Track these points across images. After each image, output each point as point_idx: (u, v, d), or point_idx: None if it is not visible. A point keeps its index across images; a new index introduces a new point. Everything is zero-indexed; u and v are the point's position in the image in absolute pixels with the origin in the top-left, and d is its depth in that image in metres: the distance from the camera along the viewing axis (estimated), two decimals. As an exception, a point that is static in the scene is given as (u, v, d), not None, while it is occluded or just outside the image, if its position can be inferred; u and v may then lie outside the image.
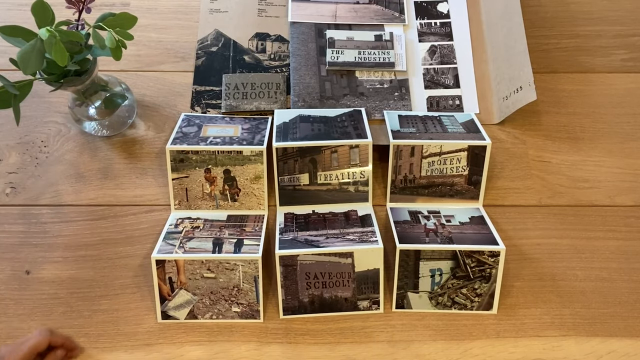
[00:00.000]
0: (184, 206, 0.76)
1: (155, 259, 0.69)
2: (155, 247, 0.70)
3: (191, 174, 0.76)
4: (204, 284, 0.70)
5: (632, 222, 0.78)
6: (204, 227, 0.74)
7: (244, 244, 0.71)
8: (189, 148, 0.75)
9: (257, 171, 0.76)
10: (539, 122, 0.85)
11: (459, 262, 0.70)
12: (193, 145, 0.75)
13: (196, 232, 0.73)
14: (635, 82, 0.89)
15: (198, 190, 0.76)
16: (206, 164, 0.75)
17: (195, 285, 0.70)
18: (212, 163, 0.75)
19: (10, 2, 0.90)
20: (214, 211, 0.76)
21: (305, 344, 0.69)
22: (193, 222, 0.75)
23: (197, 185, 0.76)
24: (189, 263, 0.69)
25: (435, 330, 0.70)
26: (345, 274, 0.69)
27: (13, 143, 0.81)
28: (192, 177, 0.76)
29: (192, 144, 0.75)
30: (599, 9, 0.95)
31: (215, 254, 0.69)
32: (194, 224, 0.74)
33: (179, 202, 0.76)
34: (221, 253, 0.70)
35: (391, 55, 0.88)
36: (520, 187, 0.80)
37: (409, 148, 0.75)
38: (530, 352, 0.69)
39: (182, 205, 0.76)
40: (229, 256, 0.69)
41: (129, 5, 0.90)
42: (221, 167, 0.76)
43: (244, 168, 0.76)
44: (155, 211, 0.77)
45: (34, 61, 0.61)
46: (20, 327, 0.69)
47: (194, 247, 0.71)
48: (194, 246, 0.71)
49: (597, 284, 0.74)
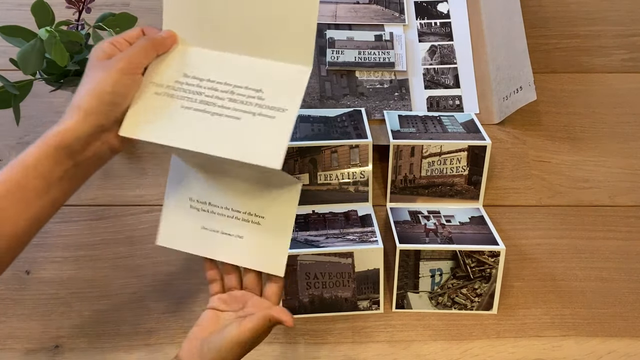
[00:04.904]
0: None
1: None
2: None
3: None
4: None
5: (632, 222, 0.78)
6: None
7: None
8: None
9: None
10: (539, 122, 0.85)
11: (459, 262, 0.70)
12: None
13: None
14: (635, 82, 0.89)
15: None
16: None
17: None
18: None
19: (10, 2, 0.90)
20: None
21: (305, 344, 0.69)
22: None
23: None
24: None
25: (435, 330, 0.70)
26: (345, 274, 0.69)
27: (13, 143, 0.81)
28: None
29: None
30: (599, 9, 0.95)
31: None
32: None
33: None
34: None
35: (391, 55, 0.88)
36: (520, 187, 0.80)
37: (409, 148, 0.75)
38: (530, 352, 0.69)
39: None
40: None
41: (129, 5, 0.90)
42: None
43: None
44: (156, 211, 0.77)
45: (34, 61, 0.61)
46: (21, 327, 0.69)
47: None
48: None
49: (597, 284, 0.74)
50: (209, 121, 0.50)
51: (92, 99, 0.48)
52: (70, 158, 0.48)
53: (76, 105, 0.48)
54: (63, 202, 0.50)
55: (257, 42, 0.52)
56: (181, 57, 0.53)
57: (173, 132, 0.50)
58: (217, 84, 0.51)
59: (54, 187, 0.48)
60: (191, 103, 0.51)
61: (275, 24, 0.51)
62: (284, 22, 0.51)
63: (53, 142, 0.47)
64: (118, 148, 0.52)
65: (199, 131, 0.50)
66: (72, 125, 0.47)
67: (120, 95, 0.49)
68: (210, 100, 0.51)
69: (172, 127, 0.50)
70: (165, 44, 0.51)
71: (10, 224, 0.46)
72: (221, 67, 0.52)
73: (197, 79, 0.52)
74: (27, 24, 0.63)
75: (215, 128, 0.50)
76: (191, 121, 0.50)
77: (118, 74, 0.48)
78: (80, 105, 0.48)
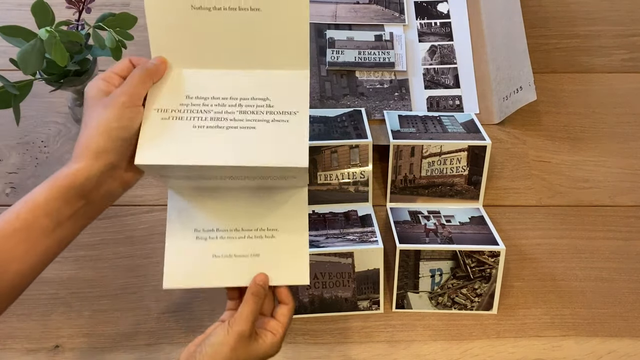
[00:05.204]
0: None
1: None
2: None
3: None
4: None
5: (632, 222, 0.78)
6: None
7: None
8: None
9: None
10: (539, 122, 0.85)
11: (459, 262, 0.70)
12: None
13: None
14: (635, 82, 0.89)
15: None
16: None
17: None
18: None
19: (10, 2, 0.90)
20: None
21: (305, 344, 0.69)
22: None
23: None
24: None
25: (435, 330, 0.70)
26: (345, 274, 0.69)
27: (13, 143, 0.81)
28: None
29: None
30: (599, 9, 0.95)
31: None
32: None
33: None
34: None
35: (391, 55, 0.88)
36: (520, 187, 0.80)
37: (409, 148, 0.75)
38: (530, 352, 0.69)
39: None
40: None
41: (129, 5, 0.90)
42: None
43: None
44: (156, 211, 0.77)
45: (34, 61, 0.61)
46: (21, 327, 0.69)
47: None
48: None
49: (597, 284, 0.74)
50: (225, 135, 0.49)
51: (100, 137, 0.47)
52: (82, 198, 0.48)
53: (85, 147, 0.47)
54: (71, 240, 0.50)
55: (250, 55, 0.52)
56: (177, 80, 0.52)
57: (191, 151, 0.49)
58: (222, 99, 0.51)
59: (62, 226, 0.48)
60: (202, 122, 0.50)
61: (266, 33, 0.51)
62: (276, 31, 0.51)
63: (64, 182, 0.47)
64: (129, 184, 0.52)
65: (217, 146, 0.49)
66: (83, 166, 0.47)
67: (127, 129, 0.48)
68: (221, 115, 0.50)
69: (189, 147, 0.49)
70: (159, 71, 0.51)
71: (17, 263, 0.46)
72: (221, 84, 0.52)
73: (201, 98, 0.51)
74: (27, 24, 0.63)
75: (233, 140, 0.49)
76: (207, 138, 0.49)
77: (121, 109, 0.48)
78: (89, 145, 0.47)
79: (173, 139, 0.49)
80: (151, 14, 0.51)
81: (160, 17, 0.51)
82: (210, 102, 0.51)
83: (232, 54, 0.52)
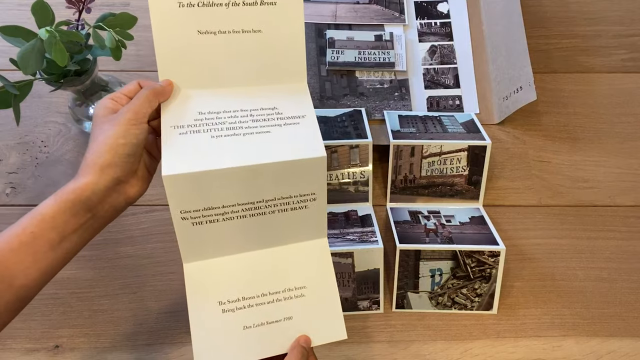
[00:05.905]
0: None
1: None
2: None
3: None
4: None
5: (632, 222, 0.78)
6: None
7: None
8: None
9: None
10: (539, 122, 0.85)
11: (459, 262, 0.70)
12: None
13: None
14: (635, 82, 0.89)
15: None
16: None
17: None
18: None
19: (10, 2, 0.90)
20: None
21: (305, 344, 0.69)
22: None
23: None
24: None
25: (435, 330, 0.70)
26: (345, 274, 0.69)
27: (13, 143, 0.81)
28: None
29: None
30: (599, 9, 0.95)
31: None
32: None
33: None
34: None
35: (391, 55, 0.88)
36: (520, 187, 0.80)
37: (409, 148, 0.75)
38: (530, 352, 0.69)
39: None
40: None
41: (129, 5, 0.90)
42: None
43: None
44: (156, 211, 0.77)
45: (34, 61, 0.61)
46: (21, 327, 0.69)
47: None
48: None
49: (597, 284, 0.74)
50: (243, 140, 0.51)
51: (106, 153, 0.49)
52: (88, 211, 0.49)
53: (91, 162, 0.49)
54: (75, 253, 0.52)
55: (253, 73, 0.55)
56: (187, 100, 0.54)
57: (215, 157, 0.50)
58: (233, 112, 0.53)
59: (68, 239, 0.49)
60: (219, 132, 0.52)
61: (267, 52, 0.54)
62: (275, 50, 0.54)
63: (71, 196, 0.48)
64: (133, 199, 0.53)
65: (238, 150, 0.51)
66: (90, 180, 0.48)
67: (133, 145, 0.50)
68: (235, 125, 0.52)
69: (212, 154, 0.50)
70: (165, 92, 0.53)
71: (22, 276, 0.47)
72: (229, 100, 0.54)
73: (213, 112, 0.53)
74: (27, 24, 0.63)
75: (252, 144, 0.51)
76: (227, 145, 0.51)
77: (127, 125, 0.50)
78: (96, 161, 0.49)
79: (194, 149, 0.50)
80: (159, 39, 0.53)
81: (168, 43, 0.53)
82: (223, 115, 0.53)
83: (236, 73, 0.55)
